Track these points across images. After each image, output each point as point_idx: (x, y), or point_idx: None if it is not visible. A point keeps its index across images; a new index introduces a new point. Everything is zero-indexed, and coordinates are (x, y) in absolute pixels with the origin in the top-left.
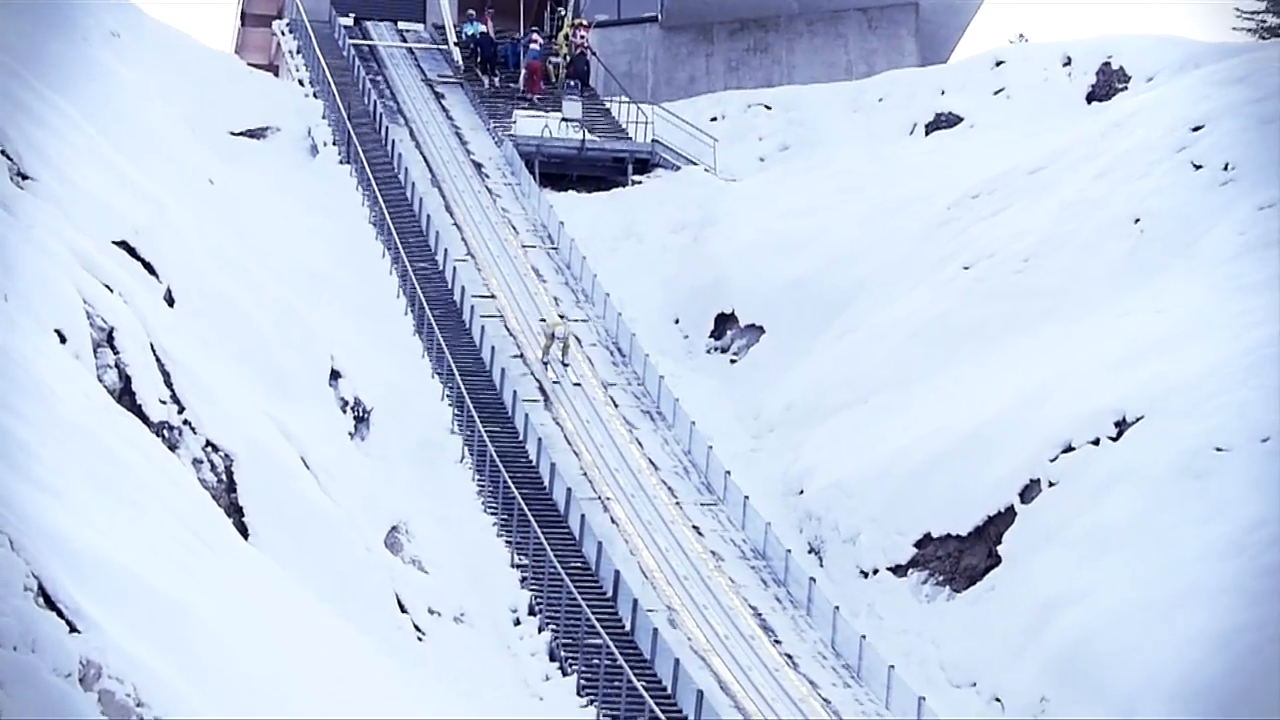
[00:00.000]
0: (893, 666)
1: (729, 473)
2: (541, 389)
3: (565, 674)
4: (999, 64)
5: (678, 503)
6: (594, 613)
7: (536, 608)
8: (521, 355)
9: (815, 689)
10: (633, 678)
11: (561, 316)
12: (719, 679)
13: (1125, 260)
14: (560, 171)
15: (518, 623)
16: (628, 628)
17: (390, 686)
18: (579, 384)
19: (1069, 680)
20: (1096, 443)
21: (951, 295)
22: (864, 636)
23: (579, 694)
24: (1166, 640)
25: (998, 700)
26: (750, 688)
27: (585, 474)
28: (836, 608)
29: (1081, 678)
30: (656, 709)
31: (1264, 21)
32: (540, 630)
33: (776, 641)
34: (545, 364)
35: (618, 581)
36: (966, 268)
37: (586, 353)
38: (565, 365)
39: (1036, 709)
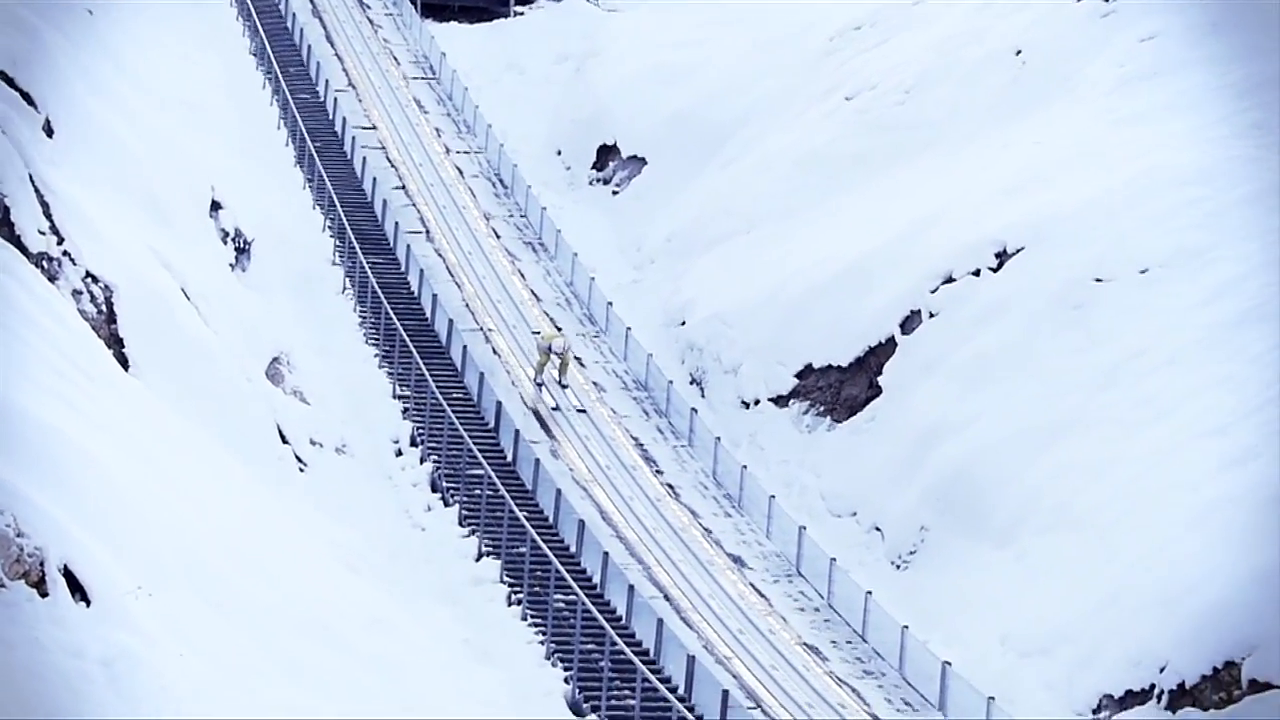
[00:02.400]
0: (773, 496)
1: (611, 304)
2: (422, 220)
3: (447, 504)
4: None
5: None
6: (476, 443)
7: (418, 439)
8: (403, 186)
9: (696, 518)
10: (514, 508)
11: (559, 329)
12: (600, 509)
13: (1006, 92)
14: (442, 2)
15: (399, 454)
16: (509, 458)
17: (271, 516)
18: (571, 393)
19: (948, 509)
20: (977, 274)
21: (833, 127)
22: (745, 467)
23: (460, 524)
24: (1045, 469)
25: (878, 529)
26: (631, 517)
27: (467, 305)
28: (718, 438)
29: (961, 506)
30: (538, 538)
31: None
32: (422, 461)
33: (658, 472)
34: (539, 385)
35: (499, 412)
36: (848, 99)
37: (468, 184)
38: (564, 386)
39: (916, 537)
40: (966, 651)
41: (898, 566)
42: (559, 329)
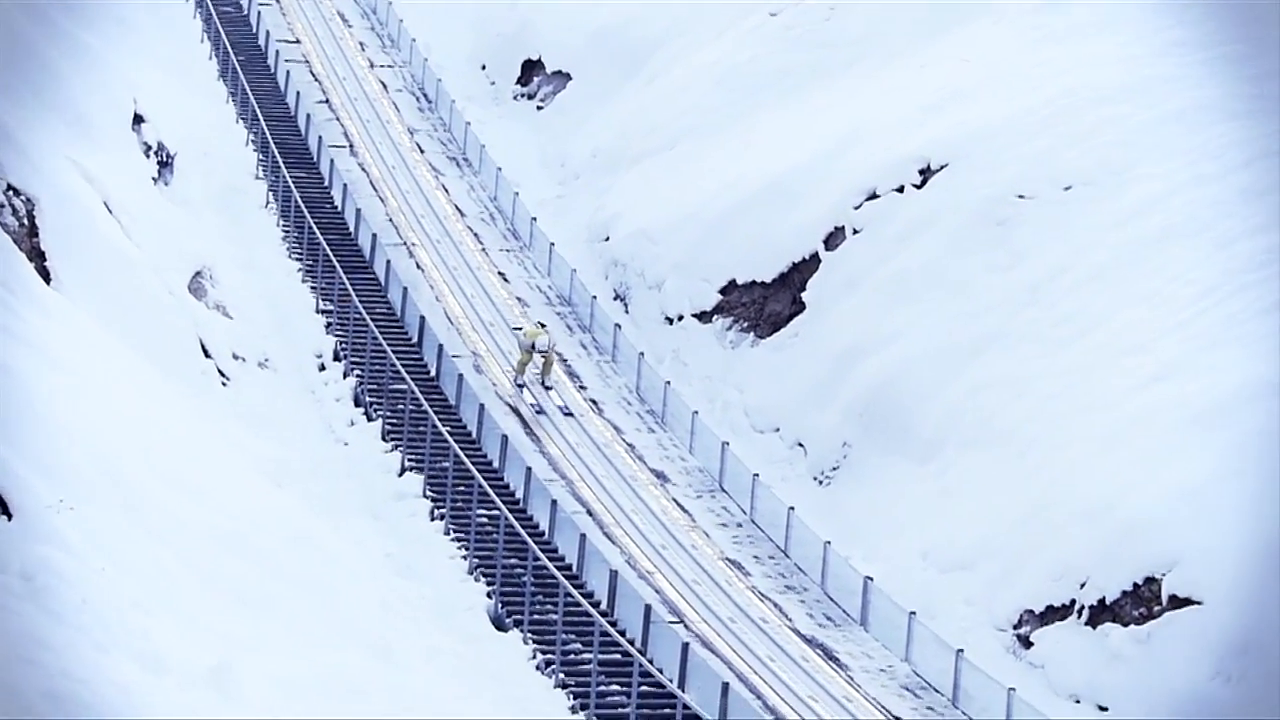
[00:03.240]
0: (696, 412)
1: (535, 219)
2: (346, 134)
3: (370, 419)
4: None
5: (483, 249)
6: (399, 358)
7: (341, 353)
8: (327, 101)
9: (620, 434)
10: (437, 423)
11: (541, 324)
12: (524, 423)
13: (930, 10)
14: None
15: (322, 368)
16: (432, 373)
17: (194, 430)
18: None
19: (871, 424)
20: (901, 190)
21: (758, 44)
22: (668, 382)
23: (383, 439)
24: (967, 385)
25: (800, 445)
26: (555, 431)
27: (391, 220)
28: (641, 354)
29: (883, 422)
30: (461, 453)
31: None
32: (345, 376)
33: (582, 387)
34: (520, 386)
35: (423, 327)
36: (773, 14)
37: (392, 99)
38: (548, 388)
39: (839, 453)
40: (888, 566)
41: (820, 482)
42: (542, 325)
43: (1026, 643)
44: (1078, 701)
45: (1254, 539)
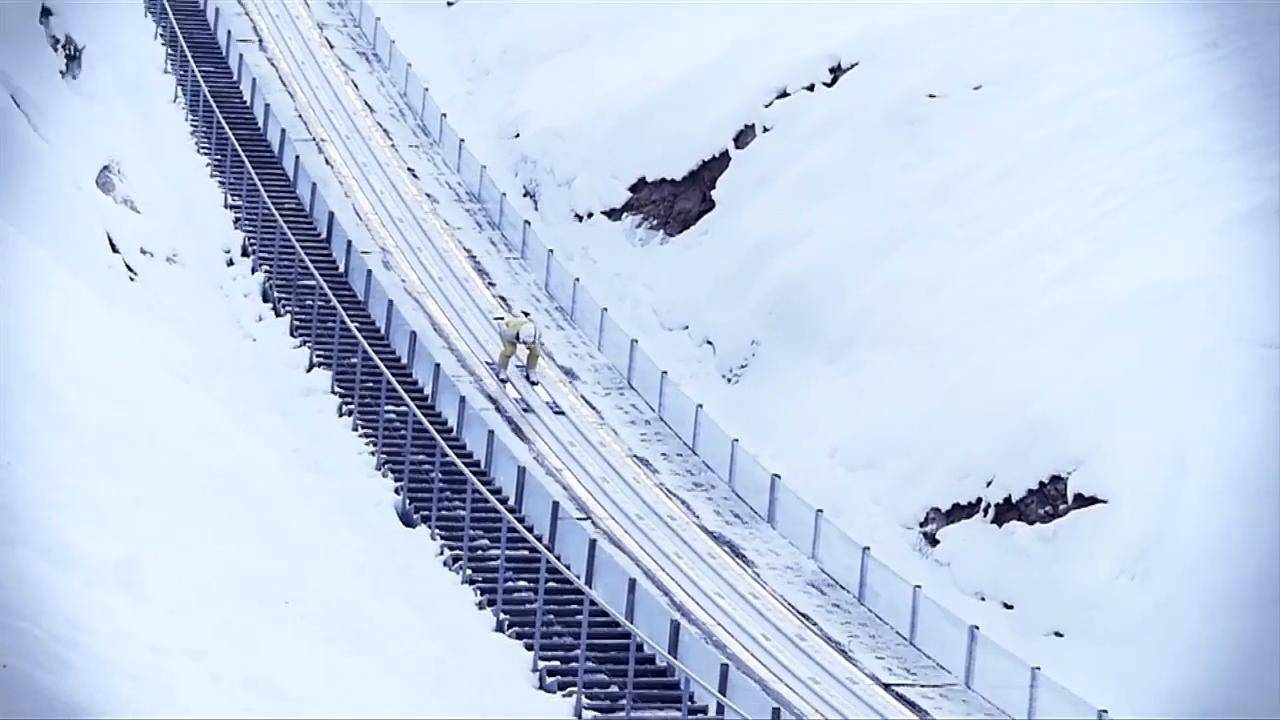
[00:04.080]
0: (605, 309)
1: (445, 115)
2: (255, 29)
3: (279, 315)
4: None
5: (393, 145)
6: (307, 254)
7: (250, 249)
8: None
9: None
10: (345, 319)
11: (525, 313)
12: (432, 320)
13: None
14: None
15: (231, 263)
16: (341, 269)
17: (101, 325)
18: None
19: (780, 322)
20: (811, 89)
21: None
22: (577, 279)
23: (292, 334)
24: (877, 284)
25: (709, 343)
26: (464, 329)
27: (300, 115)
28: (550, 251)
29: (792, 320)
30: (369, 349)
31: None
32: (254, 271)
33: (491, 284)
34: (504, 381)
35: (332, 223)
36: None
37: None
38: (533, 384)
39: (747, 351)
40: (796, 464)
41: (729, 380)
42: (525, 314)
43: (933, 540)
44: (983, 599)
45: (1159, 438)
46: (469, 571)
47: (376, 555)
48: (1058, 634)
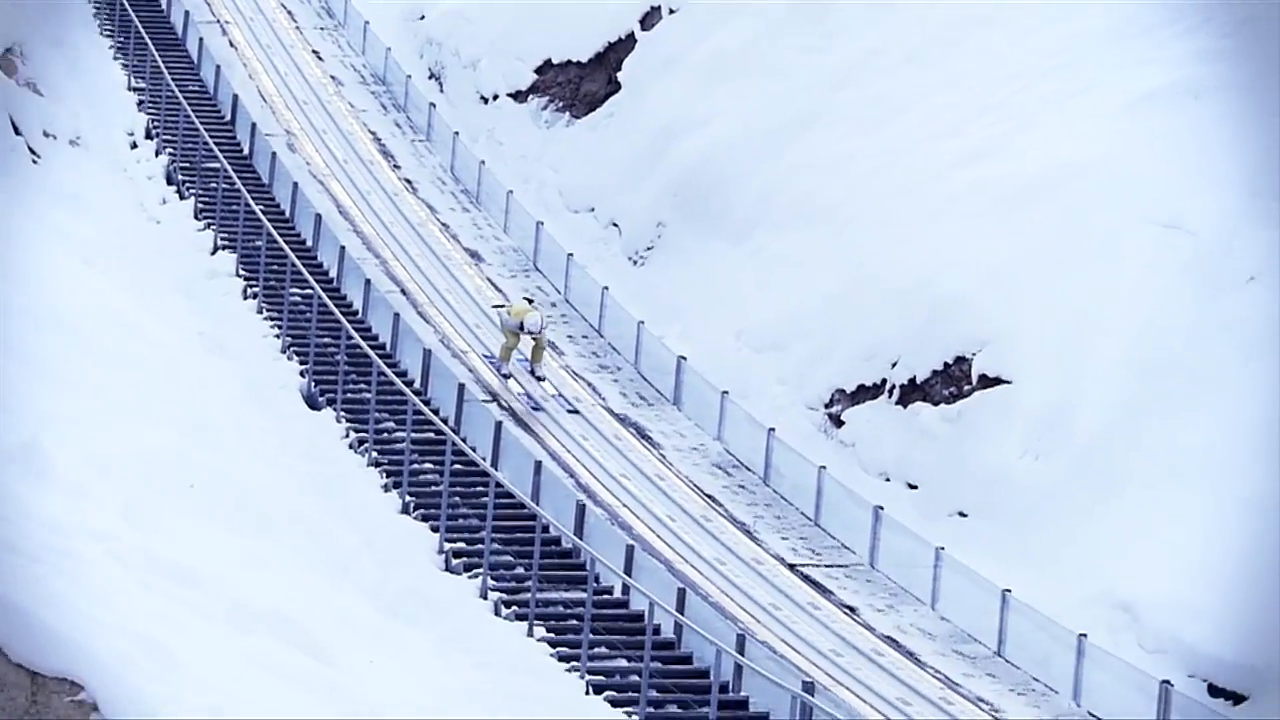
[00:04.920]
0: (511, 191)
1: None
2: None
3: (183, 197)
4: None
5: (297, 27)
6: (211, 137)
7: (154, 132)
8: None
9: (434, 213)
10: (250, 201)
11: (528, 300)
12: (338, 203)
13: None
14: None
15: (135, 146)
16: (246, 152)
17: (4, 208)
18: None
19: (686, 204)
20: None
21: None
22: (483, 162)
23: (196, 217)
24: (782, 166)
25: (615, 225)
26: (369, 212)
27: None
28: (456, 133)
29: (698, 202)
30: (274, 232)
31: None
32: (158, 154)
33: (396, 166)
34: (506, 376)
35: (236, 105)
36: None
37: None
38: (539, 379)
39: (653, 233)
40: (701, 346)
41: (634, 262)
42: (529, 300)
43: (838, 421)
44: (888, 479)
45: (1063, 319)
46: (375, 454)
47: (282, 438)
48: (962, 514)
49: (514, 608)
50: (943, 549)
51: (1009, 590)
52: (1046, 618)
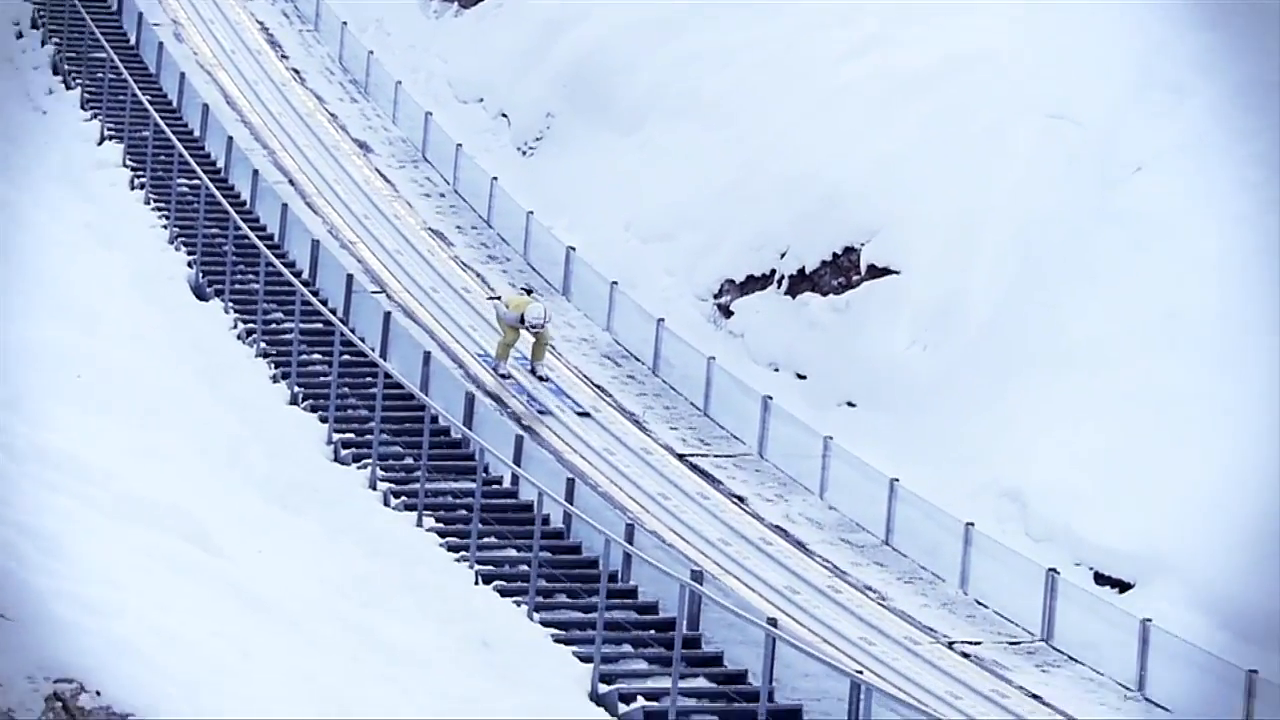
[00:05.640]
0: (400, 82)
1: None
2: None
3: (69, 87)
4: None
5: None
6: (98, 26)
7: (39, 21)
8: None
9: (322, 104)
10: (137, 91)
11: (527, 290)
12: (225, 93)
13: None
14: None
15: (20, 36)
16: (133, 42)
17: None
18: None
19: (575, 95)
20: None
21: None
22: (371, 52)
23: (83, 108)
24: (671, 56)
25: (504, 115)
26: (256, 102)
27: None
28: (344, 23)
29: (588, 92)
30: (161, 122)
31: None
32: (43, 44)
33: (284, 56)
34: (505, 377)
35: None
36: None
37: None
38: (542, 379)
39: (542, 124)
40: (590, 237)
41: (524, 152)
42: (527, 290)
43: (727, 312)
44: (776, 369)
45: (951, 209)
46: (263, 345)
47: (170, 329)
48: (850, 404)
49: (403, 498)
50: (831, 439)
51: (897, 479)
52: (934, 507)
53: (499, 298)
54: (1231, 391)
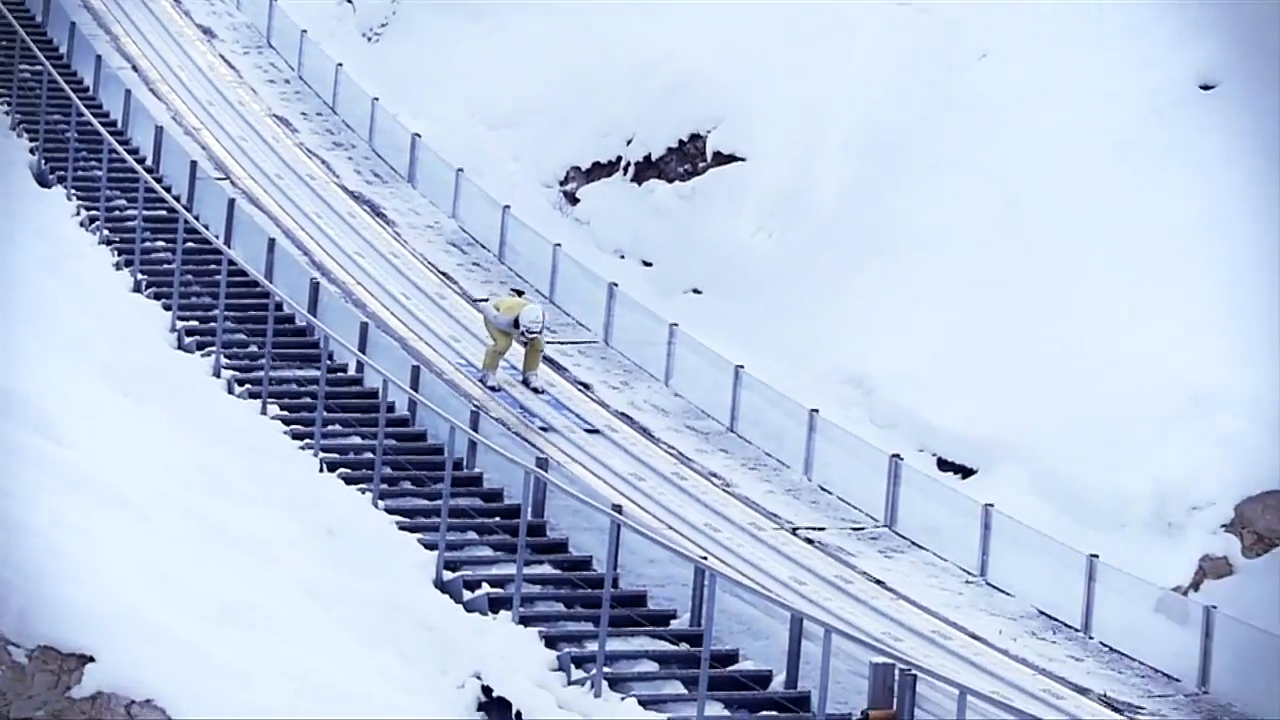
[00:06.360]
0: None
1: None
2: None
3: None
4: None
5: None
6: None
7: None
8: None
9: None
10: None
11: (517, 292)
12: None
13: None
14: None
15: None
16: None
17: None
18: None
19: None
20: None
21: None
22: None
23: None
24: None
25: (349, 1)
26: None
27: None
28: None
29: None
30: (3, 8)
31: None
32: None
33: None
34: (494, 390)
35: None
36: None
37: None
38: (536, 390)
39: (388, 9)
40: (436, 124)
41: (369, 39)
42: (518, 292)
43: (573, 199)
44: (622, 256)
45: (797, 96)
46: (106, 232)
47: (9, 215)
48: (696, 290)
49: (247, 386)
50: (677, 326)
51: (742, 366)
52: (779, 393)
53: (487, 300)
54: (1071, 279)
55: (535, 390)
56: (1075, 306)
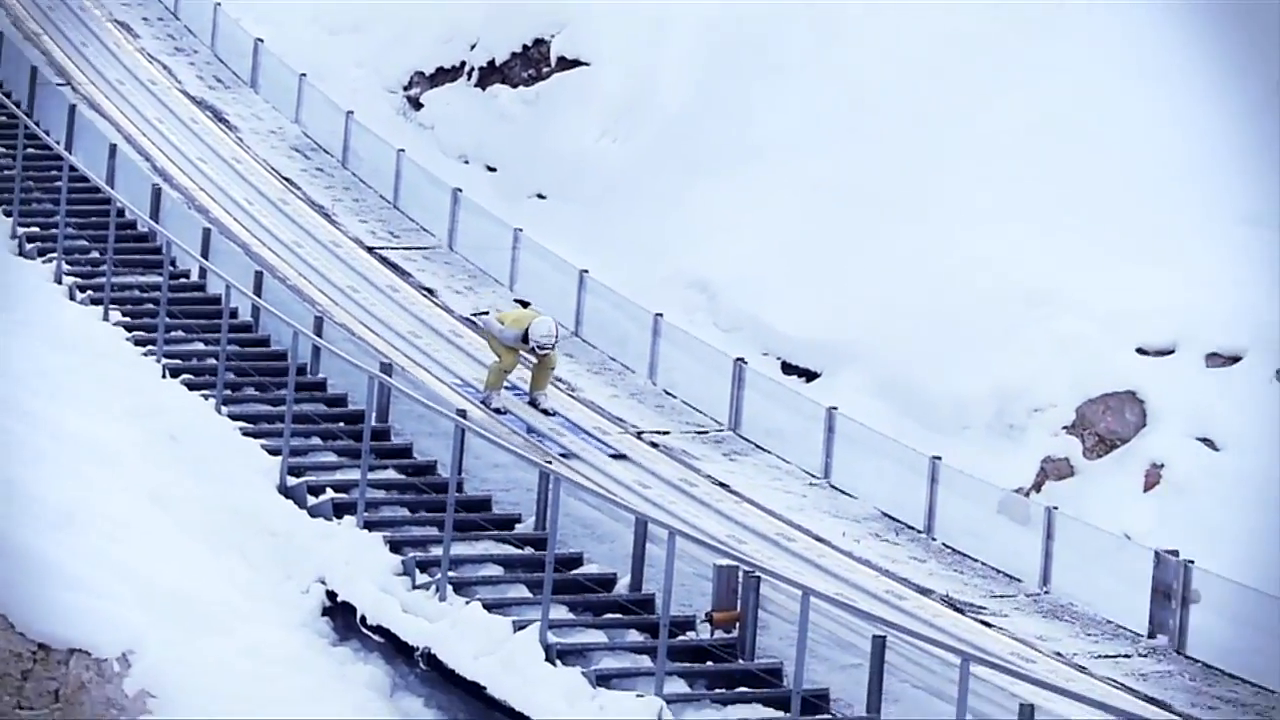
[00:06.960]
0: None
1: None
2: None
3: None
4: None
5: None
6: None
7: None
8: None
9: None
10: None
11: (524, 303)
12: None
13: None
14: None
15: None
16: None
17: None
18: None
19: None
20: None
21: None
22: None
23: None
24: None
25: None
26: None
27: None
28: None
29: None
30: None
31: None
32: None
33: None
34: (500, 412)
35: None
36: None
37: None
38: (547, 412)
39: None
40: (279, 29)
41: None
42: (523, 303)
43: (416, 104)
44: (466, 162)
45: (640, 1)
46: None
47: None
48: (540, 196)
49: (89, 292)
50: (521, 231)
51: (586, 271)
52: (623, 298)
53: (486, 312)
54: (914, 183)
55: (546, 413)
56: (918, 211)
